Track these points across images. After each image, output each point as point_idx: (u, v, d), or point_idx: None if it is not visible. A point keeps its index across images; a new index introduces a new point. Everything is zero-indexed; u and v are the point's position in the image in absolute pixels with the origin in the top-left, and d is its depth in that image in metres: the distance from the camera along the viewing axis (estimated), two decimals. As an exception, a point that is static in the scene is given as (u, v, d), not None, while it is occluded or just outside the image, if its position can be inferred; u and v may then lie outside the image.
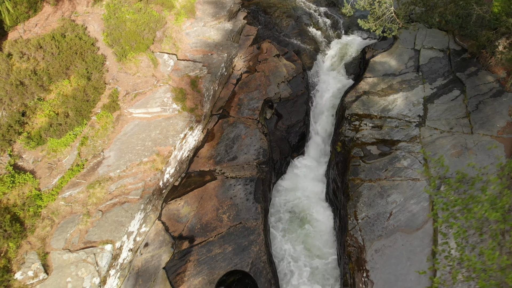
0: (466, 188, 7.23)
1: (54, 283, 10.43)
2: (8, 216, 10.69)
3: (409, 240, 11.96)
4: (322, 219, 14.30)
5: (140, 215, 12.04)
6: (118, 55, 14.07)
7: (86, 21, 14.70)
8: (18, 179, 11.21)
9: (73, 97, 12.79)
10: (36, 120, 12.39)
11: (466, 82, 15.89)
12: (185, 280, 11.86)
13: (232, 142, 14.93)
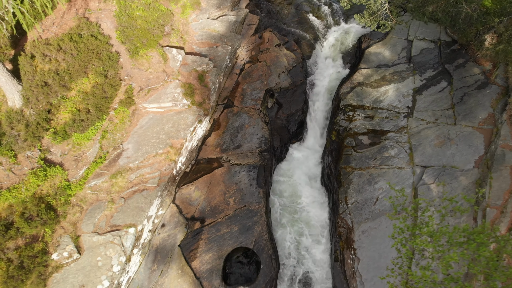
0: (418, 215, 8.53)
1: (86, 262, 12.07)
2: (43, 205, 12.16)
3: (392, 222, 13.51)
4: (318, 197, 15.81)
5: (157, 200, 13.52)
6: (131, 52, 14.99)
7: (99, 19, 15.47)
8: (49, 172, 12.57)
9: (92, 94, 13.89)
10: (60, 117, 13.56)
11: (453, 73, 16.82)
12: (197, 255, 13.54)
13: (237, 131, 16.15)
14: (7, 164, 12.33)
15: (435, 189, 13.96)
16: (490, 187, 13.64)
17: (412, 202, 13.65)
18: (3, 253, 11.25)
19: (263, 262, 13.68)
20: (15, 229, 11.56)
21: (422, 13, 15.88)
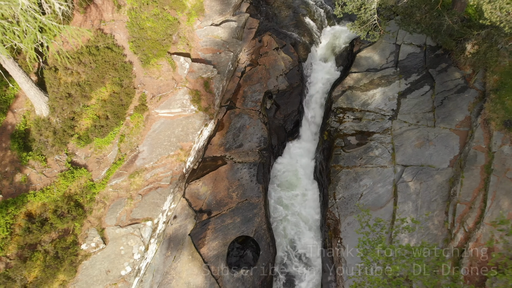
0: (378, 231, 9.95)
1: (111, 251, 13.74)
2: (72, 203, 13.69)
3: (374, 215, 15.04)
4: (310, 190, 17.33)
5: (170, 196, 15.04)
6: (143, 61, 16.10)
7: (113, 30, 16.47)
8: (76, 173, 14.02)
9: (110, 102, 15.14)
10: (82, 123, 14.88)
11: (436, 78, 17.91)
12: (205, 243, 15.20)
13: (238, 131, 17.46)
14: (39, 167, 13.78)
15: (413, 186, 15.42)
16: (461, 185, 15.08)
17: (375, 220, 15.03)
18: (40, 246, 12.89)
19: (262, 248, 15.35)
20: (49, 224, 13.14)
21: (408, 24, 16.80)
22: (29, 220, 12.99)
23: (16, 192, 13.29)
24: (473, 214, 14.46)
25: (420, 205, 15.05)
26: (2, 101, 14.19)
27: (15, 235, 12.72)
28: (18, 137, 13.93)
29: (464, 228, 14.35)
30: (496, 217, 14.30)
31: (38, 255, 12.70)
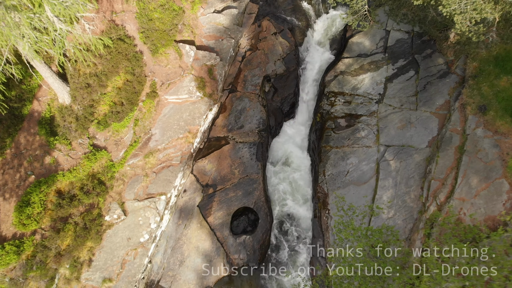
0: (350, 214, 11.23)
1: (131, 221, 15.30)
2: (96, 181, 15.07)
3: (358, 190, 16.48)
4: (304, 167, 18.68)
5: (180, 173, 16.39)
6: (152, 51, 16.83)
7: (124, 21, 17.03)
8: (98, 155, 15.28)
9: (124, 90, 16.09)
10: (101, 109, 15.92)
11: (421, 63, 18.63)
12: (211, 213, 16.76)
13: (240, 113, 18.49)
14: (65, 150, 15.01)
15: (393, 164, 16.71)
16: (436, 164, 16.34)
17: (348, 205, 16.09)
18: (71, 218, 14.42)
19: (261, 217, 16.93)
20: (77, 200, 14.60)
21: (396, 15, 17.24)
22: (59, 197, 14.43)
23: (46, 172, 14.63)
24: (445, 190, 15.85)
25: (399, 181, 16.43)
26: (27, 91, 15.15)
27: (48, 210, 14.21)
28: (45, 123, 15.05)
29: (437, 202, 15.80)
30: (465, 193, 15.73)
31: (69, 227, 14.26)
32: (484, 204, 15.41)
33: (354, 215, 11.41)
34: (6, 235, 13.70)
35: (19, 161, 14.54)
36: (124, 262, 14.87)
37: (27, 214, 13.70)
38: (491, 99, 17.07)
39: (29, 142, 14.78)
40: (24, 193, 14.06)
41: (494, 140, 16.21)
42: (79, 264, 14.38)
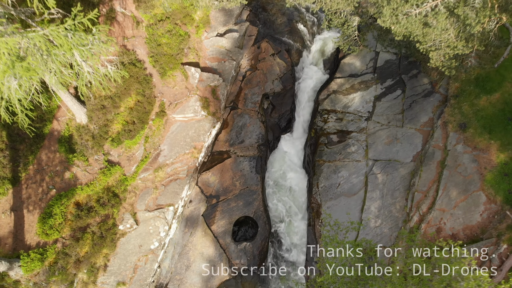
0: (335, 229, 12.20)
1: (142, 230, 16.31)
2: (111, 193, 16.08)
3: (348, 201, 17.48)
4: (300, 179, 19.67)
5: (187, 186, 17.40)
6: (161, 73, 17.81)
7: (134, 45, 18.02)
8: (112, 170, 16.28)
9: (136, 110, 17.09)
10: (114, 128, 16.92)
11: (407, 83, 19.58)
12: (215, 222, 17.76)
13: (241, 129, 19.48)
14: (83, 166, 16.03)
15: (381, 177, 17.69)
16: (419, 177, 17.32)
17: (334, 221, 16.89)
18: (89, 228, 15.45)
19: (260, 226, 17.94)
20: (94, 211, 15.62)
21: (384, 40, 18.18)
22: (78, 209, 15.46)
23: (66, 186, 15.65)
24: (427, 201, 16.84)
25: (386, 193, 17.42)
26: (48, 112, 16.16)
27: (68, 221, 15.24)
28: (64, 142, 16.06)
29: (419, 212, 16.78)
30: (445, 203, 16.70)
31: (87, 235, 15.29)
32: (463, 215, 16.41)
33: (338, 230, 12.40)
34: (30, 244, 14.73)
35: (41, 176, 15.56)
36: (136, 267, 15.89)
37: (49, 225, 14.72)
38: (471, 117, 18.03)
39: (50, 159, 15.80)
40: (46, 205, 15.08)
41: (473, 155, 17.18)
42: (96, 269, 15.41)
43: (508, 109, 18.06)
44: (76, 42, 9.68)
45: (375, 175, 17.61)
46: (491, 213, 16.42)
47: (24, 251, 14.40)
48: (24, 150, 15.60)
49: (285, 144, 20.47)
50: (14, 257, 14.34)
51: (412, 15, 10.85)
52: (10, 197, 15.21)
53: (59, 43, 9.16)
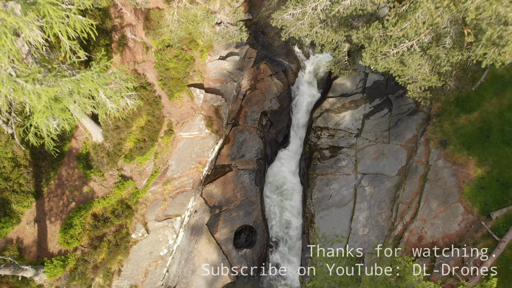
0: (325, 243, 13.55)
1: (152, 238, 17.66)
2: (124, 205, 17.44)
3: (339, 211, 18.83)
4: (295, 190, 21.03)
5: (192, 197, 18.76)
6: (169, 95, 19.20)
7: (145, 70, 19.40)
8: (125, 184, 17.64)
9: (146, 129, 18.46)
10: (127, 145, 18.29)
11: (394, 102, 20.94)
12: (218, 230, 19.11)
13: (241, 144, 20.85)
14: (99, 181, 17.39)
15: (368, 189, 19.04)
16: (403, 190, 18.67)
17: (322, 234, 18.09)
18: (105, 237, 16.80)
19: (259, 234, 19.29)
20: (110, 221, 16.98)
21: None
22: (95, 219, 16.82)
23: (84, 199, 17.01)
24: (410, 212, 18.19)
25: (373, 204, 18.77)
26: (67, 131, 17.52)
27: (87, 230, 16.59)
28: (82, 159, 17.43)
29: (403, 221, 18.13)
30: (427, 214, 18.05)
31: (104, 244, 16.64)
32: (442, 224, 17.76)
33: (326, 242, 13.75)
34: (53, 252, 16.08)
35: (62, 191, 16.93)
36: (147, 272, 17.24)
37: (70, 235, 16.08)
38: (451, 135, 19.39)
39: (70, 174, 17.17)
40: (67, 217, 16.44)
41: (452, 170, 18.54)
42: (111, 274, 16.76)
43: (486, 127, 19.42)
44: (101, 82, 11.06)
45: (363, 188, 18.97)
46: (468, 223, 17.77)
47: (48, 258, 15.76)
48: (46, 167, 16.97)
49: (282, 158, 21.82)
50: (38, 264, 15.70)
51: (390, 55, 12.23)
52: (33, 209, 16.58)
53: (87, 85, 10.53)
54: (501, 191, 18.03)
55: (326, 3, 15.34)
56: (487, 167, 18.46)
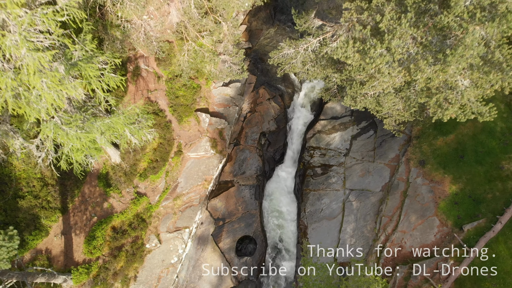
0: (307, 257, 15.47)
1: (164, 248, 19.59)
2: (139, 219, 19.39)
3: (329, 223, 20.77)
4: (290, 204, 22.98)
5: (199, 211, 20.70)
6: (178, 120, 21.18)
7: (157, 97, 21.40)
8: (140, 200, 19.59)
9: (158, 150, 20.44)
10: (141, 165, 20.25)
11: (379, 125, 22.89)
12: (221, 240, 21.04)
13: (242, 162, 22.81)
14: (117, 197, 19.34)
15: (355, 204, 20.99)
16: (386, 204, 20.62)
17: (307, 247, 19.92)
18: (123, 247, 18.75)
19: (258, 243, 21.23)
20: (127, 233, 18.92)
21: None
22: (114, 232, 18.76)
23: (105, 214, 18.96)
24: (392, 224, 20.13)
25: (359, 217, 20.72)
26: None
27: (107, 242, 18.53)
28: (102, 178, 19.38)
29: (386, 233, 20.07)
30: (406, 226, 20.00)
31: (122, 253, 18.58)
32: (420, 235, 19.68)
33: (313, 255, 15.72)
34: (78, 261, 18.02)
35: (85, 206, 18.88)
36: (160, 278, 19.18)
37: (93, 245, 18.01)
38: (429, 155, 21.33)
39: (92, 192, 19.13)
40: (90, 230, 18.39)
41: (429, 187, 20.48)
42: (128, 280, 18.68)
43: (461, 148, 21.36)
44: (127, 122, 13.05)
45: (351, 202, 20.93)
46: (443, 235, 19.70)
47: (74, 267, 17.69)
48: (71, 185, 18.93)
49: (279, 174, 23.79)
50: (66, 272, 17.63)
51: (368, 96, 14.21)
52: (60, 223, 18.53)
53: (116, 126, 12.52)
54: (473, 206, 19.94)
55: (316, 44, 17.38)
56: (460, 184, 20.37)
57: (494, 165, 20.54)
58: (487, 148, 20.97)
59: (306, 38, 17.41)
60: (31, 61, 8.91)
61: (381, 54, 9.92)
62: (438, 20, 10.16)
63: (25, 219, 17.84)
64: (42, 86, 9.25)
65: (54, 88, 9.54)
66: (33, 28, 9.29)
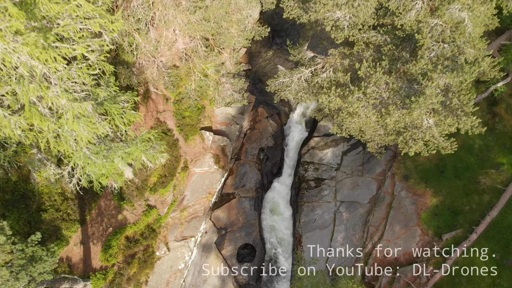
0: (302, 263, 17.25)
1: (172, 255, 21.38)
2: (150, 229, 21.19)
3: (321, 233, 22.56)
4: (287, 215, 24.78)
5: (204, 221, 22.50)
6: (185, 138, 23.00)
7: (165, 118, 23.23)
8: (151, 212, 21.39)
9: (167, 166, 22.25)
10: (151, 180, 22.06)
11: (367, 141, 24.70)
12: (224, 248, 22.83)
13: (243, 176, 24.62)
14: (130, 210, 21.14)
15: (345, 215, 22.79)
16: (373, 215, 22.41)
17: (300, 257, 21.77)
18: (136, 255, 20.55)
19: (257, 251, 23.02)
20: (139, 242, 20.71)
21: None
22: (128, 241, 20.56)
23: (119, 225, 20.76)
24: (378, 234, 21.92)
25: (348, 227, 22.51)
26: (105, 170, 21.28)
27: (121, 250, 20.32)
28: (116, 192, 21.18)
29: (372, 241, 21.86)
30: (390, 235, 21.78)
31: (135, 260, 20.38)
32: (403, 244, 21.47)
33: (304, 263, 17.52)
34: (96, 268, 19.81)
35: (101, 218, 20.68)
36: (168, 282, 20.96)
37: (109, 254, 19.80)
38: (412, 170, 23.13)
39: (107, 205, 20.93)
40: (106, 239, 20.18)
41: (412, 199, 22.28)
42: (140, 284, 20.47)
43: (442, 164, 23.14)
44: (143, 149, 14.87)
45: (341, 213, 22.74)
46: (424, 243, 21.49)
47: (92, 273, 19.47)
48: (88, 199, 20.72)
49: (277, 187, 25.60)
50: (85, 278, 19.42)
51: (352, 124, 16.05)
52: (79, 233, 20.32)
53: (134, 153, 14.33)
54: (452, 217, 21.72)
55: (308, 74, 19.25)
56: (441, 197, 22.17)
57: (472, 180, 22.31)
58: (466, 163, 22.74)
59: (299, 68, 19.28)
60: (70, 109, 10.73)
61: (358, 98, 11.72)
62: (407, 68, 12.02)
63: (48, 230, 19.61)
64: (80, 129, 11.06)
65: (88, 129, 11.35)
66: (70, 81, 11.12)
